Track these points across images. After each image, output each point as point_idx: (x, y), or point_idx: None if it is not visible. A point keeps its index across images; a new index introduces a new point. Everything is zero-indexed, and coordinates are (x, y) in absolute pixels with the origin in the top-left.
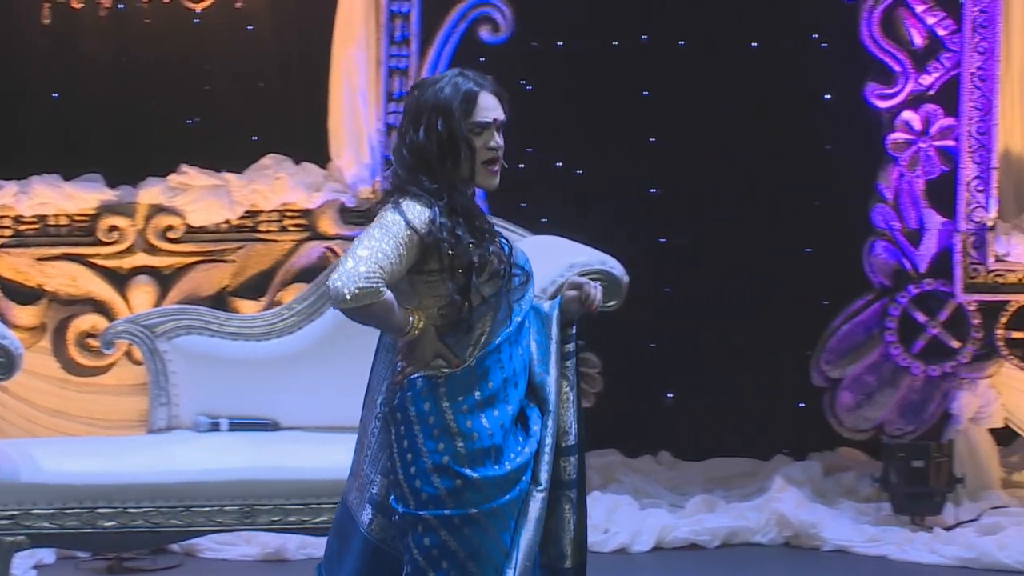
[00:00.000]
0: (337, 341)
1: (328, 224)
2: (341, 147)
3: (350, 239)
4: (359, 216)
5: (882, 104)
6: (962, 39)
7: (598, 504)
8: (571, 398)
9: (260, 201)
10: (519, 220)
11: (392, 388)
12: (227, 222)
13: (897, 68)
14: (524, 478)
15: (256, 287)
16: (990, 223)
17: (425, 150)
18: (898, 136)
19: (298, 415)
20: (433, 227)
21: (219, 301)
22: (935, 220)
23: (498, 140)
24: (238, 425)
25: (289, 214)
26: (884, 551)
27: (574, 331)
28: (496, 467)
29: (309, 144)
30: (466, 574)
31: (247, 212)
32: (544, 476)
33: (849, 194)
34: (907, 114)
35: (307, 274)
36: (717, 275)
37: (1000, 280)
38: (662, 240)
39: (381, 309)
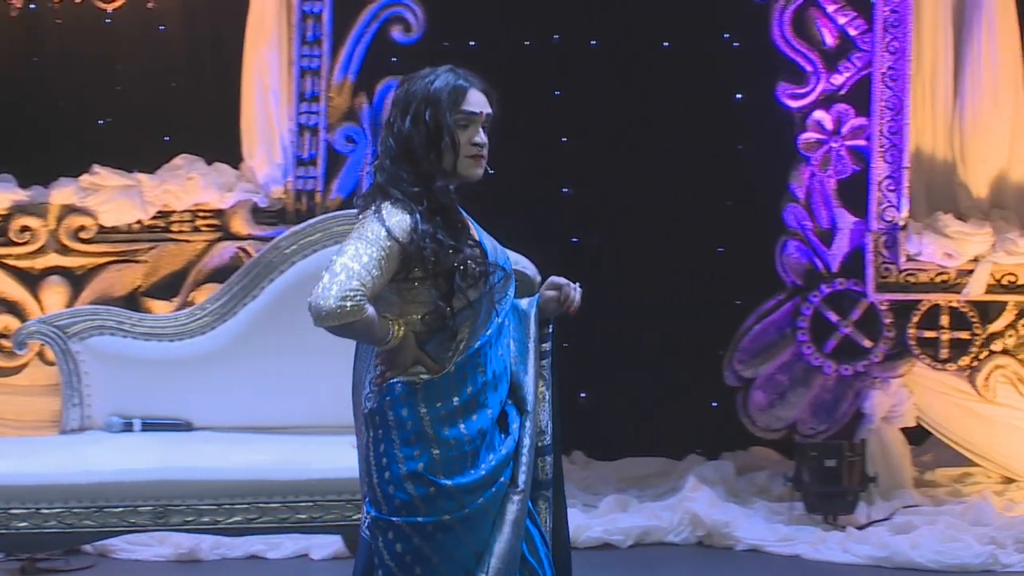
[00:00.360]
0: (250, 341)
1: (240, 224)
2: (253, 147)
3: (263, 239)
4: (271, 216)
5: (794, 104)
6: (873, 39)
7: None
8: (547, 397)
9: (172, 201)
10: None
11: (372, 391)
12: (139, 222)
13: (808, 68)
14: (501, 479)
15: (169, 287)
16: (901, 223)
17: (411, 140)
18: (810, 136)
19: (211, 415)
20: (415, 235)
21: (132, 301)
22: (847, 220)
23: (482, 136)
24: (151, 425)
25: (201, 214)
26: (797, 550)
27: (551, 330)
28: (472, 471)
29: (221, 144)
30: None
31: (159, 212)
32: (522, 478)
33: (761, 194)
34: (819, 114)
35: (220, 274)
36: (630, 275)
37: (911, 280)
38: (574, 240)
39: (363, 325)
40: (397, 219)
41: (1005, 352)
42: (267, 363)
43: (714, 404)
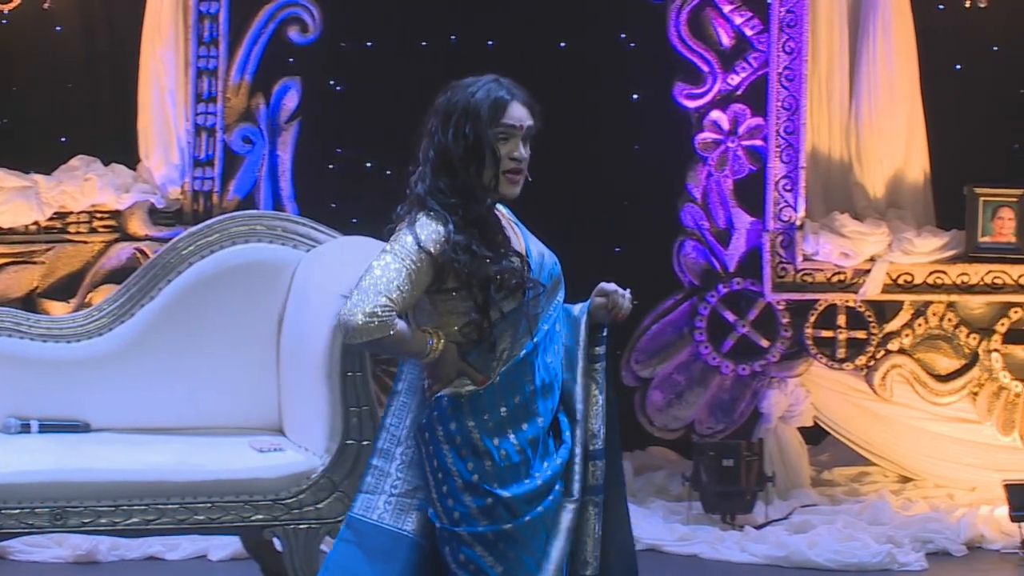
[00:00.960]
0: (148, 342)
1: (138, 225)
2: (150, 148)
3: (160, 240)
4: (169, 217)
5: (690, 104)
6: (769, 39)
7: None
8: (599, 401)
9: (69, 202)
10: (329, 221)
11: (421, 406)
12: (36, 223)
13: (705, 68)
14: (556, 487)
15: (66, 288)
16: (798, 222)
17: (450, 152)
18: (706, 136)
19: (109, 416)
20: (447, 246)
21: (28, 303)
22: (744, 219)
23: (523, 151)
24: (48, 427)
25: (98, 215)
26: (695, 550)
27: (605, 333)
28: (526, 481)
29: (118, 145)
30: None
31: (56, 213)
32: (576, 487)
33: (658, 194)
34: (715, 114)
35: (117, 275)
36: None
37: (808, 279)
38: None
39: (393, 341)
40: (430, 230)
41: (902, 351)
42: (165, 364)
43: None
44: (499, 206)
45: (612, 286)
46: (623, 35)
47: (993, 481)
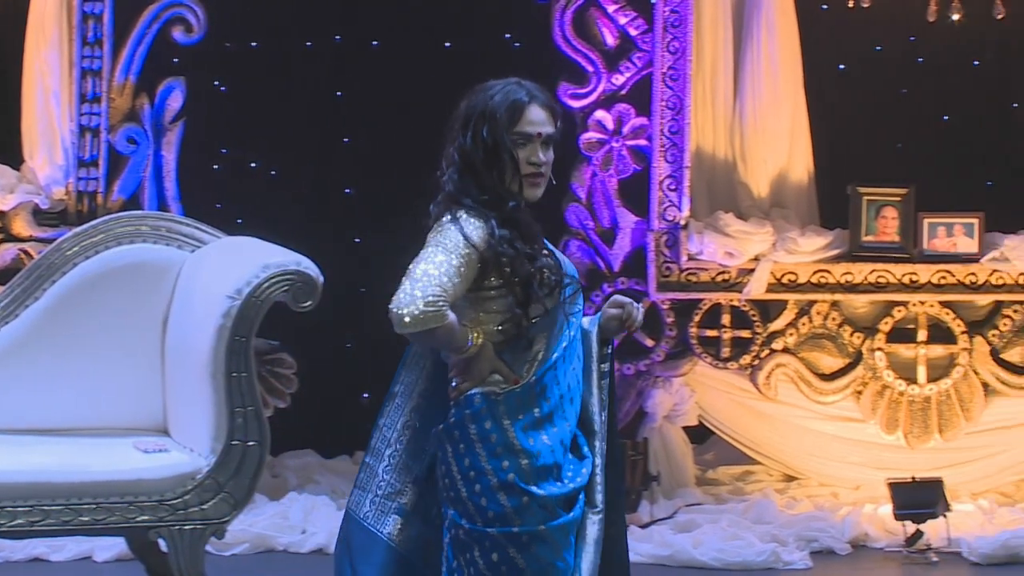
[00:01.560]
0: (32, 343)
1: (22, 226)
2: (34, 149)
3: (45, 241)
4: (53, 217)
5: (575, 104)
6: (653, 39)
7: (295, 505)
8: (603, 420)
9: None
10: (214, 221)
11: (438, 406)
12: None
13: (589, 68)
14: (580, 498)
15: None
16: (682, 222)
17: (472, 156)
18: (591, 136)
19: None
20: (492, 240)
21: None
22: (628, 219)
23: (540, 156)
24: None
25: None
26: None
27: (610, 351)
28: (559, 484)
29: (2, 146)
30: None
31: None
32: (599, 498)
33: (543, 194)
34: (600, 114)
35: (1, 276)
36: None
37: (693, 279)
38: (357, 240)
39: (445, 331)
40: (474, 226)
41: (786, 351)
42: (50, 365)
43: None
44: None
45: (626, 298)
46: (508, 35)
47: (877, 480)
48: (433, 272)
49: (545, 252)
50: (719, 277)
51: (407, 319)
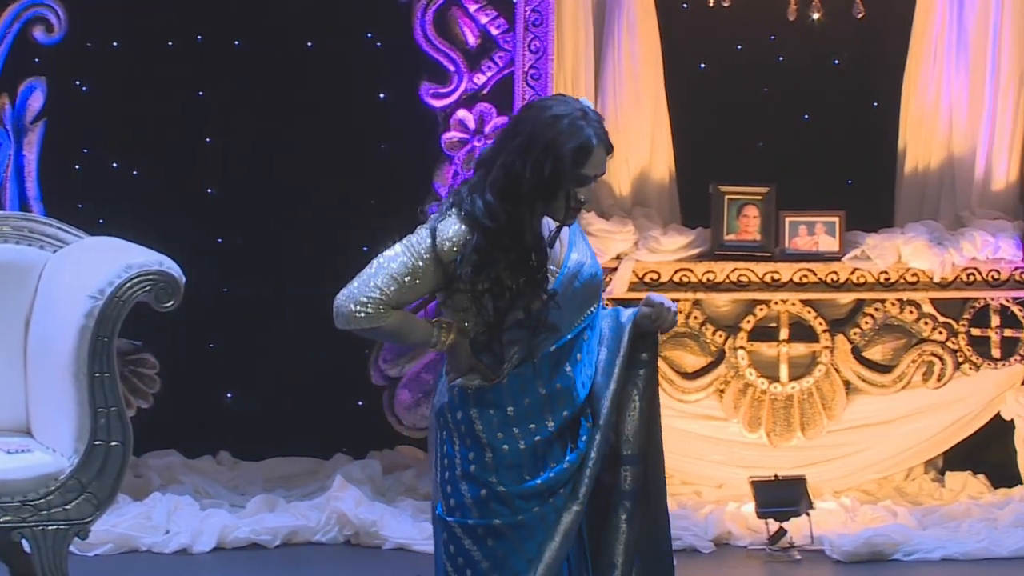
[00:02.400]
0: None
1: None
2: None
3: None
4: None
5: (437, 103)
6: (515, 38)
7: (158, 506)
8: (637, 407)
9: None
10: (76, 221)
11: (441, 390)
12: None
13: (451, 67)
14: (562, 490)
15: None
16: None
17: (521, 182)
18: (453, 135)
19: None
20: (457, 251)
21: None
22: None
23: (590, 193)
24: None
25: None
26: None
27: (653, 340)
28: (528, 480)
29: None
30: None
31: None
32: (583, 491)
33: (406, 193)
34: (462, 113)
35: None
36: (275, 275)
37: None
38: (219, 240)
39: (388, 331)
40: (451, 232)
41: None
42: None
43: (360, 403)
44: None
45: (660, 298)
46: (370, 34)
47: (740, 478)
48: (382, 271)
49: (534, 275)
50: None
51: (339, 316)
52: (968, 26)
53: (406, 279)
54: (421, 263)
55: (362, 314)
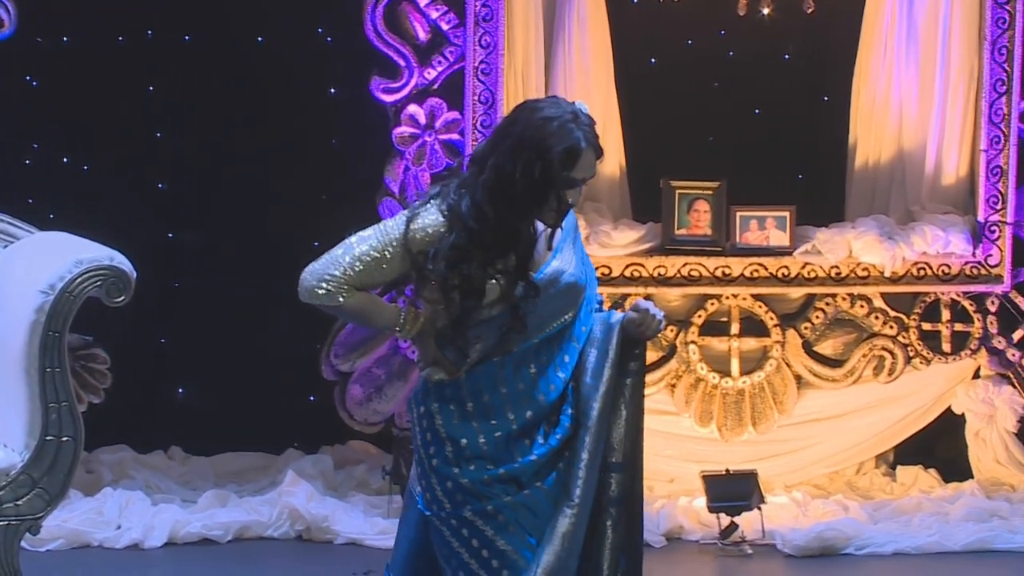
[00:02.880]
0: None
1: None
2: None
3: None
4: None
5: (387, 98)
6: (465, 33)
7: (110, 501)
8: (623, 415)
9: None
10: (26, 216)
11: (417, 381)
12: None
13: (401, 62)
14: (537, 484)
15: None
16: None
17: (512, 183)
18: (404, 130)
19: None
20: (428, 242)
21: None
22: None
23: (577, 196)
24: None
25: None
26: None
27: (640, 350)
28: (489, 468)
29: None
30: (469, 571)
31: None
32: (577, 492)
33: (357, 188)
34: (412, 108)
35: None
36: (226, 270)
37: None
38: (170, 235)
39: (349, 311)
40: (427, 223)
41: None
42: None
43: (312, 398)
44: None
45: (647, 304)
46: (320, 29)
47: (691, 472)
48: (349, 251)
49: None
50: None
51: (303, 290)
52: (918, 20)
53: (372, 262)
54: (389, 249)
55: (322, 291)
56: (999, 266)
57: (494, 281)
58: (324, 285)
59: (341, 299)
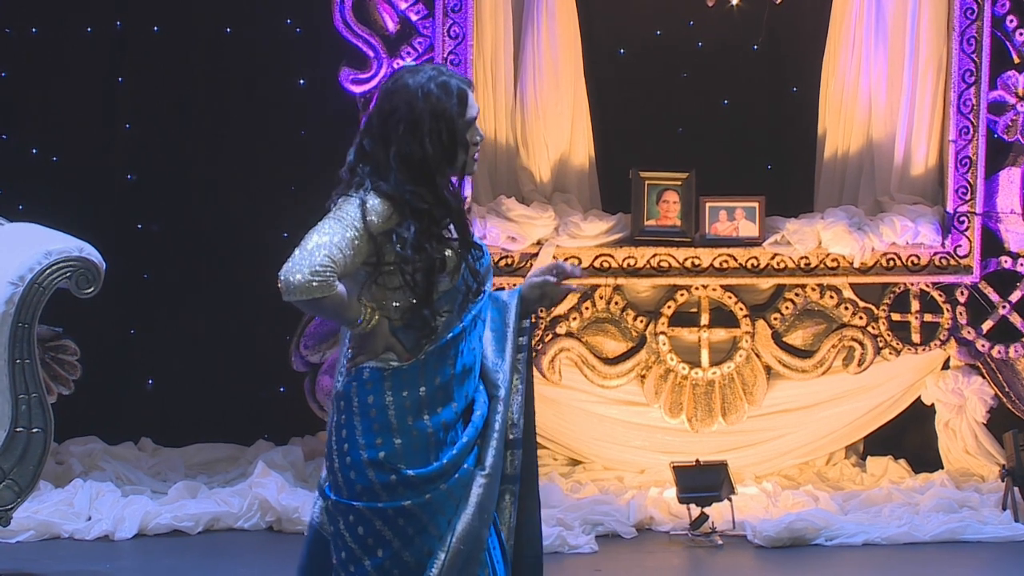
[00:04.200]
0: None
1: None
2: None
3: None
4: None
5: (356, 89)
6: (434, 24)
7: (80, 492)
8: (520, 391)
9: None
10: None
11: (342, 372)
12: None
13: (371, 53)
14: (465, 464)
15: None
16: (465, 206)
17: (427, 159)
18: None
19: None
20: (384, 226)
21: None
22: None
23: (479, 133)
24: None
25: None
26: None
27: (528, 324)
28: (434, 462)
29: None
30: (400, 562)
31: None
32: (489, 460)
33: (326, 180)
34: None
35: None
36: (196, 261)
37: None
38: (139, 226)
39: (333, 302)
40: (376, 205)
41: (569, 335)
42: None
43: (282, 389)
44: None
45: (562, 264)
46: (289, 20)
47: (661, 463)
48: (324, 242)
49: (451, 241)
50: (502, 262)
51: (294, 287)
52: (886, 11)
53: (348, 250)
54: (357, 233)
55: (315, 282)
56: (968, 256)
57: (450, 252)
58: (317, 277)
59: (333, 290)
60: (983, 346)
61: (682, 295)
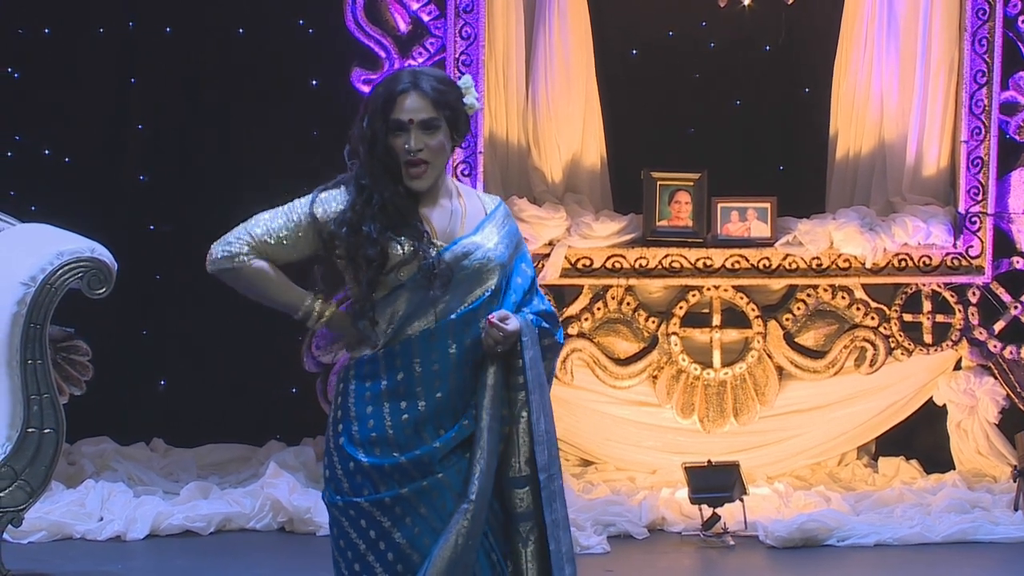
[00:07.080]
0: None
1: None
2: None
3: None
4: None
5: (368, 90)
6: (446, 24)
7: (92, 493)
8: (519, 429)
9: None
10: (8, 208)
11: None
12: None
13: (382, 54)
14: (439, 474)
15: None
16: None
17: (356, 144)
18: None
19: None
20: (336, 217)
21: None
22: None
23: (412, 143)
24: None
25: None
26: None
27: (522, 363)
28: (393, 456)
29: None
30: (365, 564)
31: None
32: (472, 489)
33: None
34: None
35: None
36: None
37: None
38: (151, 227)
39: (247, 278)
40: (328, 197)
41: (581, 335)
42: None
43: (294, 390)
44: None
45: (500, 315)
46: (301, 21)
47: (673, 464)
48: (251, 222)
49: (408, 240)
50: None
51: (209, 258)
52: (898, 11)
53: (283, 232)
54: (300, 221)
55: (221, 254)
56: (980, 257)
57: (398, 245)
58: (225, 249)
59: (240, 263)
60: (995, 347)
61: (694, 296)
